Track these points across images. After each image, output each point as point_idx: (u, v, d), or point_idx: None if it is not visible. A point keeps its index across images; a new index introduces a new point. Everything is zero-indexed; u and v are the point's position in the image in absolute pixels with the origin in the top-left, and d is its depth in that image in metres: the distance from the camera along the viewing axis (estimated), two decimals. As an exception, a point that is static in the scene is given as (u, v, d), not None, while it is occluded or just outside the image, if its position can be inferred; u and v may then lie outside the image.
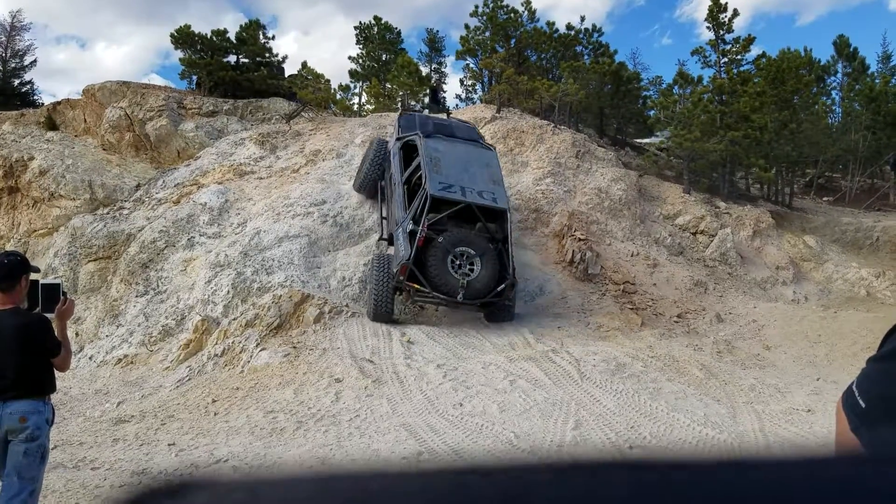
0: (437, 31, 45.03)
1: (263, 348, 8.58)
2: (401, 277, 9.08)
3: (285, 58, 22.27)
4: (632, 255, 12.89)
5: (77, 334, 10.67)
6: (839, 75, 26.36)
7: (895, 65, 28.48)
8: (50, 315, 3.44)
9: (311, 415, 6.52)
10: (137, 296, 11.12)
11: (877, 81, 24.03)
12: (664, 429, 6.10)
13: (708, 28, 18.25)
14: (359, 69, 25.54)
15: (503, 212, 9.83)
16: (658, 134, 20.36)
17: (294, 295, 9.64)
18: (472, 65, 23.79)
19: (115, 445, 6.00)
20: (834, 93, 26.10)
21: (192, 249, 11.67)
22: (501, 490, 0.32)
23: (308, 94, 17.91)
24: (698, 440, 5.87)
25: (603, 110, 22.14)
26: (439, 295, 9.14)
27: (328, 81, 19.68)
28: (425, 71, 25.85)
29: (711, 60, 18.32)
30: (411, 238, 9.29)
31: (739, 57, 18.18)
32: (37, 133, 17.15)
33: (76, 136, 17.65)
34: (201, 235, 11.95)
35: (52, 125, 17.87)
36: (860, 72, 25.84)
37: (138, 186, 14.65)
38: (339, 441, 5.87)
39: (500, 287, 9.30)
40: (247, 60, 21.16)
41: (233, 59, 21.13)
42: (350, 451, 5.61)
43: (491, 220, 9.80)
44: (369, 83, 23.02)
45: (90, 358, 10.19)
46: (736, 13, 17.95)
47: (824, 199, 20.99)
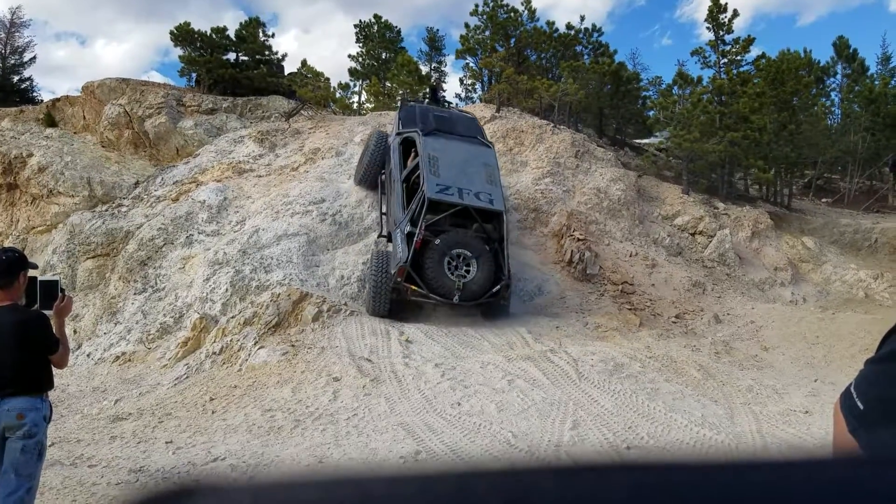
0: (437, 30, 45.14)
1: (262, 347, 8.58)
2: (398, 279, 9.16)
3: (285, 56, 22.40)
4: (630, 256, 12.90)
5: (75, 331, 10.67)
6: (839, 76, 26.42)
7: (895, 66, 28.52)
8: (48, 312, 3.44)
9: (309, 413, 6.52)
10: (136, 293, 11.11)
11: (876, 83, 24.05)
12: (662, 429, 6.10)
13: (708, 28, 18.28)
14: (358, 67, 25.54)
15: (500, 213, 9.88)
16: (657, 134, 20.36)
17: (292, 293, 9.63)
18: (471, 64, 23.82)
19: (113, 443, 6.00)
20: (833, 94, 26.19)
21: (191, 247, 11.66)
22: (503, 493, 0.32)
23: (307, 92, 17.91)
24: (696, 441, 5.87)
25: (602, 110, 22.14)
26: (436, 297, 9.23)
27: (328, 80, 19.76)
28: (425, 70, 25.86)
29: (711, 61, 18.33)
30: (409, 240, 9.37)
31: (739, 58, 18.19)
32: (36, 130, 17.13)
33: (75, 132, 17.64)
34: (200, 233, 11.94)
35: (51, 122, 17.86)
36: (860, 73, 25.88)
37: (137, 184, 14.64)
38: (336, 440, 5.87)
39: (495, 288, 9.39)
40: (246, 58, 21.17)
41: (232, 56, 21.13)
42: (347, 450, 5.60)
43: (487, 221, 9.88)
44: (369, 82, 23.03)
45: (88, 355, 10.19)
46: (736, 14, 17.98)
47: (823, 200, 21.01)
